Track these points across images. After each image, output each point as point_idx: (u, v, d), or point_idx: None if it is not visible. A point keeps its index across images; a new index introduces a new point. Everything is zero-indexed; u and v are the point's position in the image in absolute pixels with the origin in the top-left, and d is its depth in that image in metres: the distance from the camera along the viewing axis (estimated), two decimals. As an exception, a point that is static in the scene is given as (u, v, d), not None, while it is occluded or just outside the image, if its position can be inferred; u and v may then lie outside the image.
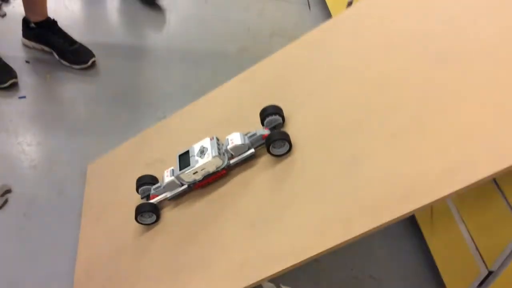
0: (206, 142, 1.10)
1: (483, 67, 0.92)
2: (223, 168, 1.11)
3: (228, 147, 1.09)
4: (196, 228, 1.10)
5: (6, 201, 1.36)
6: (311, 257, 0.89)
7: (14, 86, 1.66)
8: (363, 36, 1.18)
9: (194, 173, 1.10)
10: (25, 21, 1.74)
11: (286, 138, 1.05)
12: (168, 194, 1.16)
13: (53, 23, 1.75)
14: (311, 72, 1.22)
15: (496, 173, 0.78)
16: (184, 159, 1.11)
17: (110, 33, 1.97)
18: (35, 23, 1.73)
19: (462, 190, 0.80)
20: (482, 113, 0.86)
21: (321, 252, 0.89)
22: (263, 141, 1.09)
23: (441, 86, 0.95)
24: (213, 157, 1.07)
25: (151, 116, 1.64)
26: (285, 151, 1.06)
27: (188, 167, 1.09)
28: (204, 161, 1.08)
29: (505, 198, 1.03)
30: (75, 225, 1.33)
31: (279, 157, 1.07)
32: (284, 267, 0.90)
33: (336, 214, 0.92)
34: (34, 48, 1.79)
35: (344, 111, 1.07)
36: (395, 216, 0.83)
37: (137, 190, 1.22)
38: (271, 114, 1.11)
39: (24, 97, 1.65)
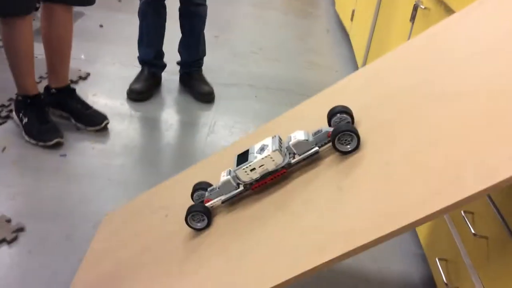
0: (267, 140, 1.03)
1: (481, 107, 0.85)
2: (283, 167, 1.02)
3: (290, 143, 1.00)
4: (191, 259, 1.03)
5: (15, 238, 1.37)
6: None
7: (58, 145, 1.78)
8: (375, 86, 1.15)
9: (251, 170, 1.01)
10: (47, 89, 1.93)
11: (353, 131, 0.95)
12: (223, 197, 1.08)
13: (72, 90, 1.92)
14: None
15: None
16: (242, 157, 1.03)
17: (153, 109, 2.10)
18: (56, 89, 1.90)
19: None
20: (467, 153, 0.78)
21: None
22: (329, 138, 0.99)
23: (435, 123, 0.89)
24: (273, 151, 0.99)
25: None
26: (353, 148, 0.96)
27: (245, 163, 1.01)
28: (263, 156, 1.00)
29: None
30: (75, 271, 1.29)
31: (346, 154, 0.97)
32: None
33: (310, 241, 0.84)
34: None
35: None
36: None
37: (192, 196, 1.16)
38: (339, 112, 1.02)
39: (65, 155, 1.75)
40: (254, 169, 1.01)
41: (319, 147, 1.01)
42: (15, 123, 1.85)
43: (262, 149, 1.02)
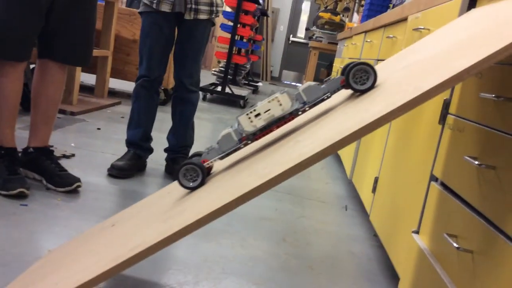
0: (275, 94, 0.96)
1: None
2: (291, 113, 0.92)
3: (300, 88, 0.93)
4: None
5: None
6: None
7: (22, 196, 1.68)
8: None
9: (256, 116, 0.91)
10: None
11: (370, 65, 0.88)
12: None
13: (50, 151, 1.88)
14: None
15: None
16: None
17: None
18: (34, 148, 1.86)
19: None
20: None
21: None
22: (342, 85, 0.92)
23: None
24: (281, 93, 0.91)
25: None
26: (369, 86, 0.89)
27: (251, 108, 0.92)
28: (270, 99, 0.91)
29: None
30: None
31: (363, 92, 0.89)
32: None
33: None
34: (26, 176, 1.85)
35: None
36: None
37: None
38: (359, 64, 0.93)
39: (26, 205, 1.64)
40: (259, 114, 0.92)
41: (332, 93, 0.94)
42: (-16, 176, 1.78)
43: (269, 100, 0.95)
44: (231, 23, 5.26)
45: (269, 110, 0.91)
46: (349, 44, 3.67)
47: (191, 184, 0.97)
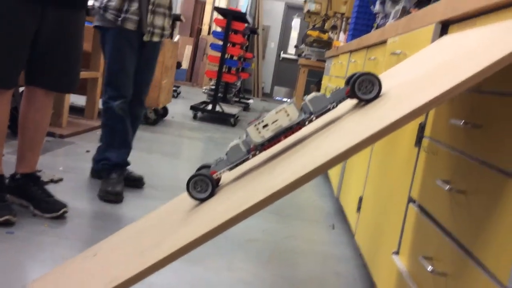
0: (282, 105, 0.98)
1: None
2: (298, 123, 0.95)
3: (307, 98, 0.96)
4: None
5: None
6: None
7: (8, 224, 1.69)
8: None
9: (264, 127, 0.94)
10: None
11: (375, 75, 0.91)
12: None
13: (37, 177, 1.89)
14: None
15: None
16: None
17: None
18: (21, 174, 1.87)
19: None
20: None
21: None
22: (347, 95, 0.95)
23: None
24: (288, 104, 0.93)
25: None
26: (375, 94, 0.92)
27: (259, 119, 0.94)
28: (277, 110, 0.93)
29: None
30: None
31: (368, 102, 0.93)
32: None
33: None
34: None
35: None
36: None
37: None
38: (363, 75, 0.96)
39: (12, 232, 1.65)
40: (266, 125, 0.94)
41: (338, 103, 0.97)
42: (-29, 203, 1.79)
43: (277, 111, 0.98)
44: (221, 42, 5.32)
45: (276, 120, 0.94)
46: (336, 63, 3.72)
47: (201, 195, 0.99)
